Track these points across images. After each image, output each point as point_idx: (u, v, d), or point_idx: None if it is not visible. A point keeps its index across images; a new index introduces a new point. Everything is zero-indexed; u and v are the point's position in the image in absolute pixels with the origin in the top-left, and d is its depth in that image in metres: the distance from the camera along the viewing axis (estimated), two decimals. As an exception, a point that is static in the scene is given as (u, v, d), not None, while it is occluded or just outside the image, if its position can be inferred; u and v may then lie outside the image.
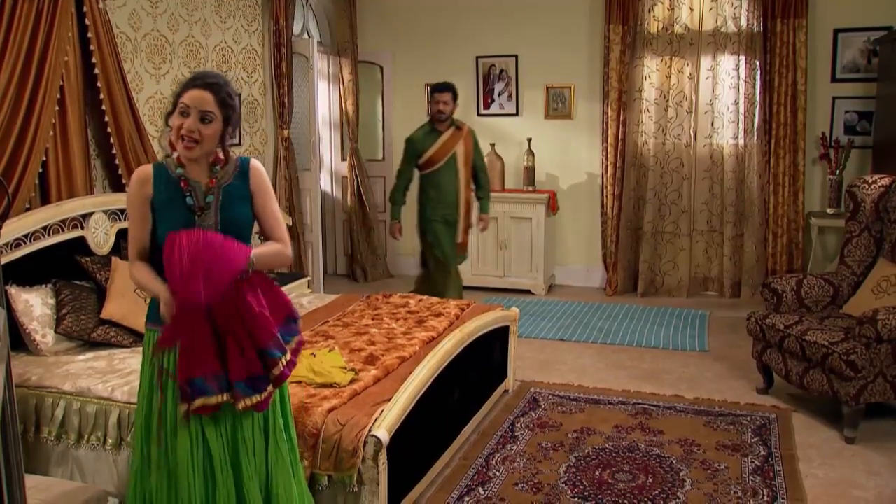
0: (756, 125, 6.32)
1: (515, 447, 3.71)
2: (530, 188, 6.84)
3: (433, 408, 3.28)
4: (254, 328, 2.28)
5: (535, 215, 6.69)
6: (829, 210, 6.13)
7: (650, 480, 3.36)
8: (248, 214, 2.42)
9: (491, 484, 3.36)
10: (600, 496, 3.23)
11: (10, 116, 3.66)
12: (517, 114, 7.07)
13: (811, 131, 6.24)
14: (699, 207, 6.65)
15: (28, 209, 3.75)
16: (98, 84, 4.12)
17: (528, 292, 6.78)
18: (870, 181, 4.41)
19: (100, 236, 4.01)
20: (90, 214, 3.97)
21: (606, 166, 6.71)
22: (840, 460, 3.59)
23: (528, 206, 6.68)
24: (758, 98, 6.28)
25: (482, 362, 4.04)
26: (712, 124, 6.50)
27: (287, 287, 5.24)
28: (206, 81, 2.29)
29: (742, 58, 6.30)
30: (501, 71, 7.07)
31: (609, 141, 6.66)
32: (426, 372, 3.21)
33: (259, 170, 2.45)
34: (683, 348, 5.25)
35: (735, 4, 6.29)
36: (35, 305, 3.55)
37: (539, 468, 3.49)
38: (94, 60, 4.09)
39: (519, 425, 3.97)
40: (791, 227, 6.33)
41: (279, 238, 2.45)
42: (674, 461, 3.53)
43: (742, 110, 6.37)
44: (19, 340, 3.51)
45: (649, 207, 6.67)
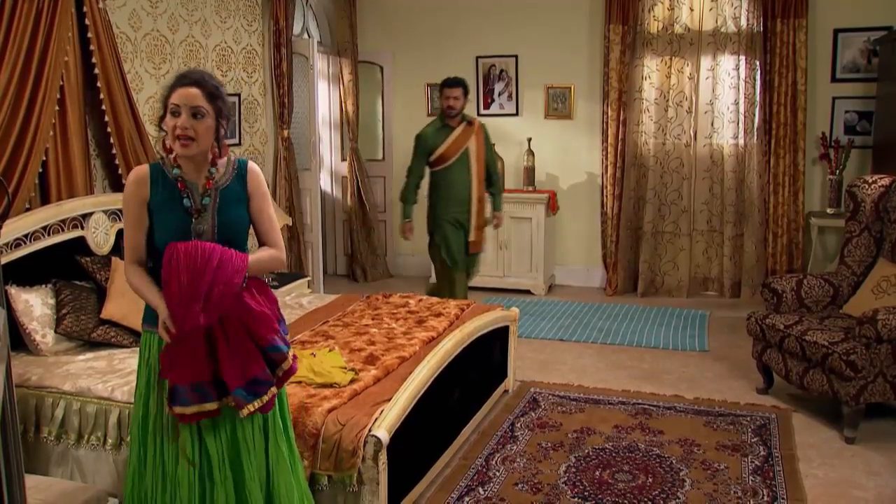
0: (756, 125, 6.32)
1: (515, 447, 3.71)
2: (530, 188, 6.83)
3: (433, 408, 3.28)
4: (257, 328, 2.28)
5: (535, 215, 6.69)
6: (829, 210, 6.13)
7: (650, 480, 3.36)
8: (245, 217, 2.41)
9: (491, 484, 3.36)
10: (600, 496, 3.23)
11: (10, 116, 3.65)
12: (517, 114, 7.06)
13: (811, 131, 6.24)
14: (699, 207, 6.65)
15: (28, 209, 3.75)
16: (98, 84, 4.12)
17: (528, 292, 6.78)
18: (870, 181, 4.41)
19: (100, 236, 4.01)
20: (90, 214, 3.97)
21: (606, 166, 6.71)
22: (840, 460, 3.58)
23: (528, 206, 6.68)
24: (758, 98, 6.28)
25: (482, 362, 4.04)
26: (712, 124, 6.50)
27: (287, 287, 5.25)
28: (191, 78, 2.29)
29: (742, 58, 6.30)
30: (501, 71, 7.07)
31: (609, 141, 6.66)
32: (426, 372, 3.21)
33: (257, 172, 2.44)
34: (683, 348, 5.25)
35: (735, 4, 6.29)
36: (35, 305, 3.55)
37: (539, 468, 3.49)
38: (94, 60, 4.09)
39: (519, 425, 3.97)
40: (791, 227, 6.33)
41: (274, 243, 2.45)
42: (674, 461, 3.53)
43: (742, 110, 6.37)
44: (19, 340, 3.51)
45: (649, 207, 6.67)
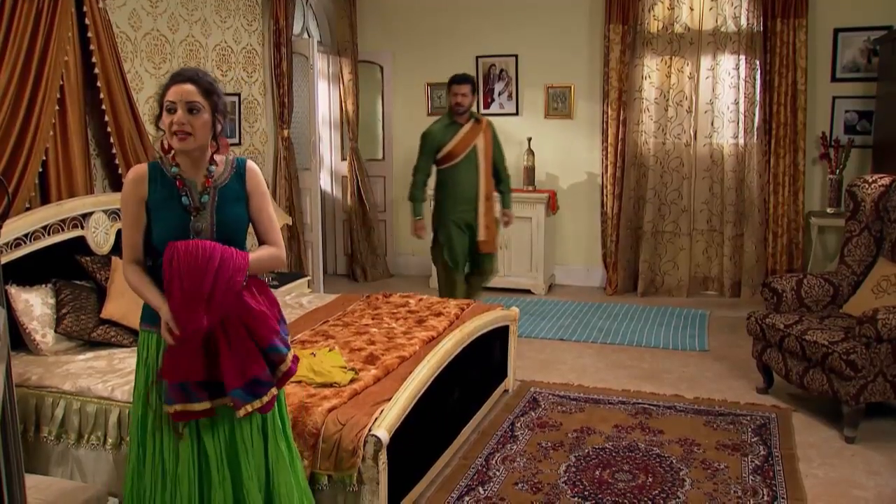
0: (756, 125, 6.32)
1: (515, 447, 3.71)
2: (530, 188, 6.83)
3: (433, 407, 3.28)
4: (256, 327, 2.28)
5: (535, 215, 6.69)
6: (829, 210, 6.13)
7: (650, 480, 3.36)
8: (244, 215, 2.41)
9: (491, 483, 3.36)
10: (600, 496, 3.23)
11: (10, 116, 3.65)
12: (517, 113, 7.06)
13: (811, 131, 6.23)
14: (699, 207, 6.65)
15: (28, 209, 3.75)
16: (98, 84, 4.12)
17: (528, 292, 6.78)
18: (870, 181, 4.41)
19: (100, 236, 4.02)
20: (90, 214, 3.97)
21: (606, 166, 6.71)
22: (840, 460, 3.58)
23: (528, 206, 6.67)
24: (758, 98, 6.28)
25: (482, 362, 4.04)
26: (712, 124, 6.50)
27: (287, 287, 5.25)
28: (186, 75, 2.29)
29: (742, 57, 6.30)
30: (501, 71, 7.07)
31: (609, 140, 6.66)
32: (426, 372, 3.21)
33: (255, 171, 2.44)
34: (683, 348, 5.25)
35: (735, 4, 6.29)
36: (35, 305, 3.55)
37: (539, 468, 3.49)
38: (94, 60, 4.09)
39: (519, 425, 3.97)
40: (791, 227, 6.33)
41: (274, 241, 2.45)
42: (674, 461, 3.53)
43: (742, 110, 6.37)
44: (19, 340, 3.51)
45: (649, 207, 6.67)
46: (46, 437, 3.20)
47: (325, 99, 7.44)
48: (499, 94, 7.09)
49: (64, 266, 3.78)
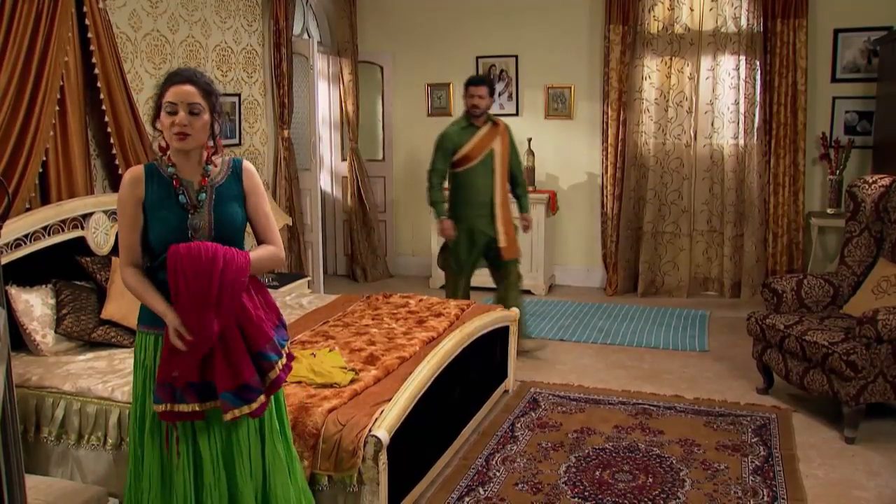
0: (756, 125, 6.32)
1: (515, 447, 3.71)
2: (530, 188, 6.80)
3: (433, 408, 3.28)
4: (251, 332, 2.27)
5: (535, 215, 6.65)
6: (830, 210, 6.13)
7: (650, 480, 3.36)
8: (241, 214, 2.41)
9: (491, 484, 3.36)
10: (600, 496, 3.23)
11: (10, 116, 3.66)
12: (517, 114, 7.06)
13: (811, 131, 6.24)
14: (699, 207, 6.65)
15: (28, 209, 3.75)
16: (98, 84, 4.12)
17: (529, 292, 6.77)
18: (870, 181, 4.41)
19: (100, 236, 4.02)
20: (90, 214, 3.97)
21: (606, 166, 6.71)
22: (840, 460, 3.58)
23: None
24: (758, 98, 6.28)
25: (482, 362, 4.04)
26: (712, 124, 6.50)
27: (287, 287, 5.25)
28: (184, 76, 2.30)
29: (742, 58, 6.30)
30: (501, 71, 7.07)
31: (609, 141, 6.66)
32: (426, 372, 3.21)
33: (252, 171, 2.46)
34: (683, 348, 5.25)
35: (735, 4, 6.29)
36: (35, 305, 3.55)
37: (539, 468, 3.49)
38: (94, 60, 4.09)
39: (519, 425, 3.97)
40: (791, 228, 6.33)
41: (272, 240, 2.45)
42: (674, 461, 3.53)
43: (742, 110, 6.37)
44: (19, 340, 3.51)
45: (649, 207, 6.67)
46: (46, 438, 3.20)
47: (325, 99, 7.45)
48: (499, 95, 7.08)
49: (64, 266, 3.78)
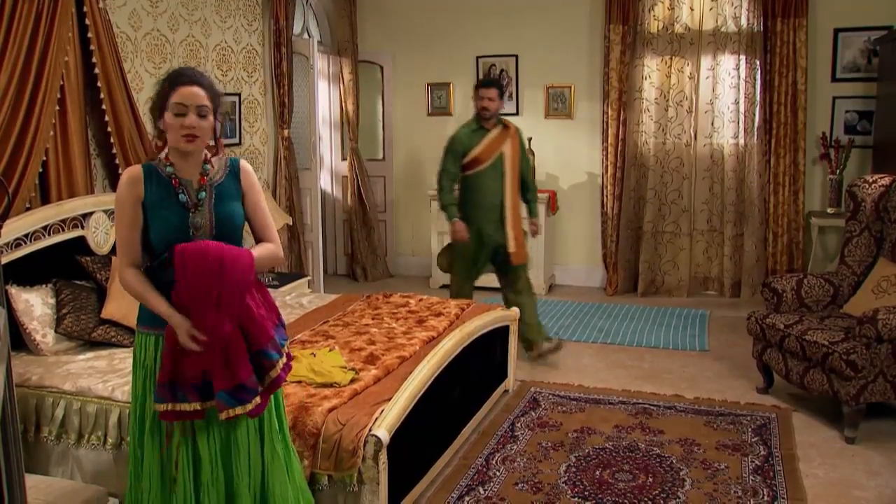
0: (756, 125, 6.32)
1: (515, 447, 3.71)
2: (530, 188, 6.82)
3: (433, 407, 3.28)
4: (253, 330, 2.28)
5: (536, 215, 6.67)
6: (830, 210, 6.13)
7: (650, 480, 3.36)
8: (241, 212, 2.42)
9: (491, 484, 3.36)
10: (600, 496, 3.23)
11: (10, 116, 3.65)
12: (517, 113, 7.05)
13: (811, 131, 6.24)
14: (699, 207, 6.65)
15: (28, 209, 3.75)
16: (98, 84, 4.12)
17: (529, 292, 6.78)
18: (870, 181, 4.40)
19: (100, 236, 4.02)
20: (90, 214, 3.98)
21: (606, 166, 6.71)
22: (840, 460, 3.58)
23: (529, 206, 6.66)
24: (758, 98, 6.28)
25: (482, 362, 4.04)
26: (712, 124, 6.50)
27: (287, 287, 5.25)
28: (190, 77, 2.30)
29: (742, 57, 6.30)
30: (501, 71, 7.07)
31: (609, 141, 6.66)
32: (426, 371, 3.21)
33: (249, 170, 2.48)
34: (683, 348, 5.25)
35: (735, 4, 6.29)
36: (35, 305, 3.55)
37: (539, 468, 3.49)
38: (95, 60, 4.09)
39: (519, 425, 3.97)
40: (791, 227, 6.33)
41: (271, 238, 2.46)
42: (674, 461, 3.53)
43: (742, 110, 6.37)
44: (19, 340, 3.51)
45: (649, 207, 6.67)
46: (46, 437, 3.20)
47: (326, 99, 7.44)
48: (499, 95, 7.09)
49: (64, 266, 3.78)
